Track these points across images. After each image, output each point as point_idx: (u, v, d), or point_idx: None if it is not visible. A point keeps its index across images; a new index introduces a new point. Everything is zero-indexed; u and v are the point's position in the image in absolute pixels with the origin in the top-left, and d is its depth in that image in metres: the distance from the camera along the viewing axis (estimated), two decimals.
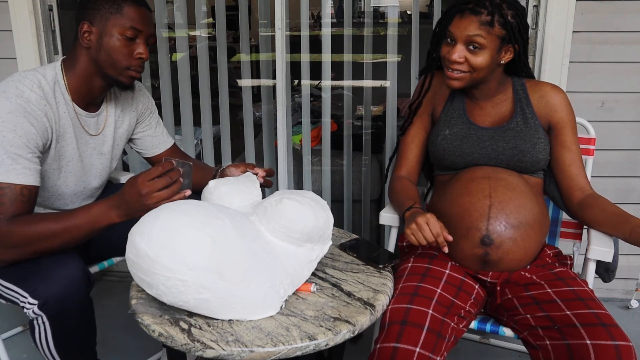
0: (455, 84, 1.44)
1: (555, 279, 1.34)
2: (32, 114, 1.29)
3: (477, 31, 1.37)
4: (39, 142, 1.31)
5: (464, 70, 1.41)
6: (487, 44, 1.38)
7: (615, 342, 1.13)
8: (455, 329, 1.27)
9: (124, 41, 1.37)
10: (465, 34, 1.37)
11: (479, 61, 1.39)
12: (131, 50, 1.38)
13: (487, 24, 1.37)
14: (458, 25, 1.39)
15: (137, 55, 1.39)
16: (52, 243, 1.25)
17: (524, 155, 1.45)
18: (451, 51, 1.40)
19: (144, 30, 1.39)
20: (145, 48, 1.40)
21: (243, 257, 1.12)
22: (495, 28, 1.38)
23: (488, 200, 1.38)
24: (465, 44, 1.39)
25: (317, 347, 1.07)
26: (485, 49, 1.38)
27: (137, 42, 1.39)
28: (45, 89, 1.35)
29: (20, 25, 2.14)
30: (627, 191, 2.16)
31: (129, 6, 1.36)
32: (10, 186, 1.25)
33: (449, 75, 1.43)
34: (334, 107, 2.37)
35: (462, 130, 1.50)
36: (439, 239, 1.29)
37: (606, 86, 2.06)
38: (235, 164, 1.59)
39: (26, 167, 1.27)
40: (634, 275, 2.21)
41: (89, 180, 1.52)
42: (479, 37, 1.37)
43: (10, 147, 1.25)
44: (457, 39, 1.39)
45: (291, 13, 2.24)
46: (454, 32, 1.40)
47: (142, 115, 1.64)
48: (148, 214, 1.13)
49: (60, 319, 1.26)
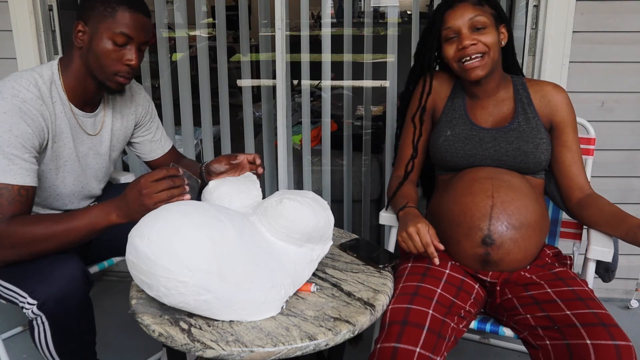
0: (479, 72, 1.42)
1: (555, 279, 1.34)
2: (28, 114, 1.29)
3: (475, 12, 1.41)
4: (35, 142, 1.31)
5: (481, 52, 1.40)
6: (488, 22, 1.42)
7: (615, 342, 1.13)
8: (455, 329, 1.27)
9: (114, 46, 1.34)
10: (467, 19, 1.40)
11: (490, 39, 1.41)
12: (120, 55, 1.35)
13: (478, 3, 1.43)
14: (454, 16, 1.41)
15: (125, 61, 1.36)
16: (51, 244, 1.25)
17: (527, 157, 1.45)
18: (461, 40, 1.41)
19: (136, 37, 1.35)
20: (137, 55, 1.37)
21: (243, 258, 1.12)
22: (485, 7, 1.43)
23: (490, 200, 1.38)
24: (469, 29, 1.41)
25: (317, 347, 1.07)
26: (488, 27, 1.41)
27: (128, 49, 1.35)
28: (42, 89, 1.34)
29: (20, 25, 2.14)
30: (627, 191, 2.16)
31: (123, 11, 1.33)
32: (8, 187, 1.25)
33: (468, 67, 1.42)
34: (334, 107, 2.37)
35: (464, 131, 1.50)
36: (429, 248, 1.30)
37: (606, 86, 2.06)
38: (216, 159, 1.51)
39: (23, 168, 1.27)
40: (634, 275, 2.21)
41: (87, 180, 1.52)
42: (479, 16, 1.41)
43: (7, 147, 1.24)
44: (459, 28, 1.41)
45: (291, 13, 2.24)
46: (453, 24, 1.42)
47: (142, 120, 1.63)
48: (148, 215, 1.13)
49: (60, 319, 1.26)
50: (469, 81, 1.47)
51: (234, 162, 1.47)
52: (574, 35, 1.99)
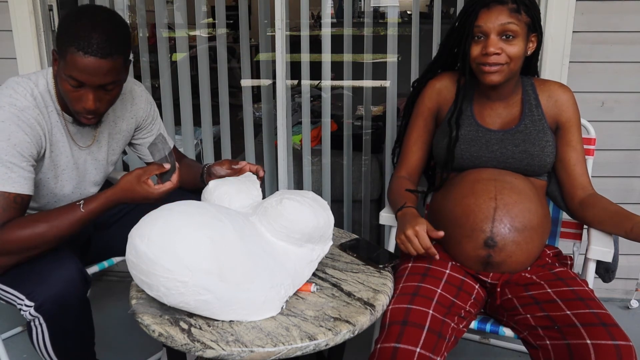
0: (495, 78, 1.40)
1: (555, 279, 1.34)
2: (25, 122, 1.28)
3: (509, 19, 1.36)
4: (33, 150, 1.30)
5: (501, 63, 1.38)
6: (519, 31, 1.38)
7: (615, 342, 1.13)
8: (455, 329, 1.27)
9: (72, 87, 1.25)
10: (498, 24, 1.36)
11: (515, 50, 1.38)
12: (78, 96, 1.27)
13: (515, 11, 1.37)
14: (488, 18, 1.37)
15: (82, 104, 1.27)
16: (48, 241, 1.26)
17: (533, 159, 1.44)
18: (486, 45, 1.38)
19: (88, 82, 1.23)
20: (93, 98, 1.25)
21: (243, 258, 1.12)
22: (522, 15, 1.38)
23: (494, 202, 1.37)
24: (498, 35, 1.37)
25: (317, 347, 1.07)
26: (518, 37, 1.38)
27: (84, 91, 1.25)
28: (37, 98, 1.32)
29: (20, 25, 2.14)
30: (627, 191, 2.16)
31: (71, 53, 1.20)
32: (4, 194, 1.24)
33: (486, 71, 1.40)
34: (334, 107, 2.37)
35: (470, 132, 1.49)
36: (430, 250, 1.30)
37: (606, 86, 2.06)
38: (219, 161, 1.52)
39: (21, 176, 1.27)
40: (634, 275, 2.21)
41: (85, 185, 1.52)
42: (512, 24, 1.36)
43: (5, 155, 1.24)
44: (489, 31, 1.37)
45: (291, 13, 2.24)
46: (484, 25, 1.37)
47: (143, 123, 1.61)
48: (148, 215, 1.13)
49: (57, 321, 1.26)
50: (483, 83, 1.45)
51: (235, 167, 1.47)
52: (574, 35, 1.99)
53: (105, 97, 1.29)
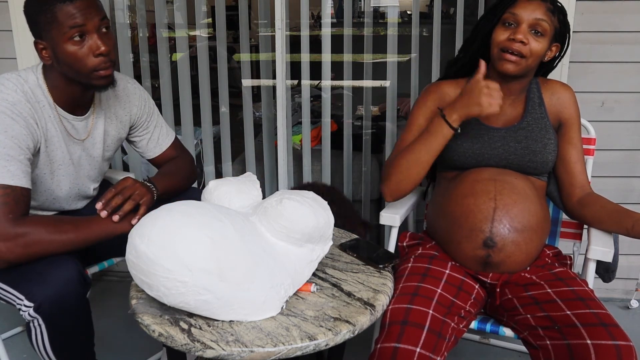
0: (512, 68, 1.40)
1: (555, 279, 1.34)
2: (19, 115, 1.28)
3: (544, 16, 1.39)
4: (30, 143, 1.30)
5: (522, 54, 1.39)
6: (548, 31, 1.40)
7: (615, 342, 1.13)
8: (455, 329, 1.27)
9: (75, 45, 1.27)
10: (533, 17, 1.38)
11: (539, 48, 1.40)
12: (87, 50, 1.28)
13: (551, 11, 1.40)
14: (526, 7, 1.39)
15: (95, 53, 1.28)
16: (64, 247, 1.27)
17: (535, 156, 1.45)
18: (516, 32, 1.38)
19: (87, 23, 1.26)
20: (102, 40, 1.28)
21: (243, 258, 1.12)
22: (555, 18, 1.41)
23: (493, 202, 1.37)
24: (529, 27, 1.39)
25: (317, 347, 1.07)
26: (545, 36, 1.40)
27: (89, 39, 1.27)
28: (28, 93, 1.32)
29: (20, 25, 2.14)
30: (627, 191, 2.16)
31: (60, 7, 1.24)
32: (10, 187, 1.24)
33: (505, 58, 1.40)
34: (334, 107, 2.37)
35: (473, 130, 1.49)
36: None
37: (606, 86, 2.06)
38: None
39: (19, 169, 1.26)
40: (634, 275, 2.21)
41: (82, 182, 1.52)
42: (545, 22, 1.39)
43: (3, 148, 1.24)
44: (521, 20, 1.39)
45: (291, 13, 2.24)
46: (520, 13, 1.39)
47: (137, 121, 1.60)
48: (148, 214, 1.13)
49: (56, 321, 1.25)
50: (498, 71, 1.44)
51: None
52: (574, 35, 1.99)
53: (108, 40, 1.31)
